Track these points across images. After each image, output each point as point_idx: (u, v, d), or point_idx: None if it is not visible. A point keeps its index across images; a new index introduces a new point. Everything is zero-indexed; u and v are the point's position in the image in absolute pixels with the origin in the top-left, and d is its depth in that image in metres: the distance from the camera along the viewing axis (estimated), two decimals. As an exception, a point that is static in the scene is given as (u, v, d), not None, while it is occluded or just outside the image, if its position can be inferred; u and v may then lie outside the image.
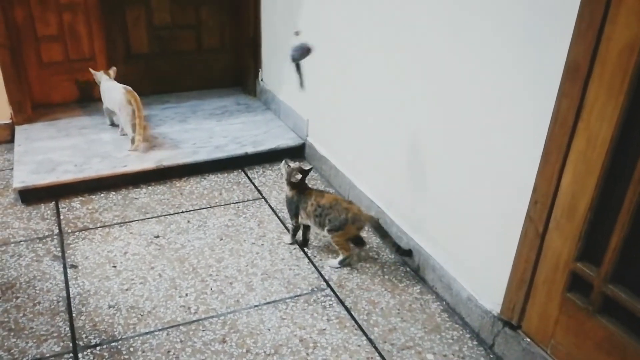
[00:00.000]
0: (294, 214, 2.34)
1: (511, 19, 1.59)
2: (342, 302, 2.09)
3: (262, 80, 3.69)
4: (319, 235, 2.47)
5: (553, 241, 1.59)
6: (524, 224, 1.66)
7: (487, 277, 1.88)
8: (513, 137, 1.67)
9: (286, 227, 2.53)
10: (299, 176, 2.25)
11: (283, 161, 2.32)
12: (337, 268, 2.27)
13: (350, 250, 2.28)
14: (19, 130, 3.16)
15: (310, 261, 2.31)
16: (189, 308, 2.04)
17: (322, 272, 2.24)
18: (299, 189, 2.30)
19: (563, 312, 1.61)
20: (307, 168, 2.29)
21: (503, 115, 1.69)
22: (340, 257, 2.27)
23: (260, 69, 3.68)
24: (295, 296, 2.12)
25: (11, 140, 3.16)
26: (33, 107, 3.32)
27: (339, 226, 2.20)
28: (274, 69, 3.49)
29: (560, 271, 1.59)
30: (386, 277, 2.24)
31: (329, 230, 2.23)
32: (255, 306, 2.06)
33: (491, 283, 1.85)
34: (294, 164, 2.28)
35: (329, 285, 2.18)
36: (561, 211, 1.55)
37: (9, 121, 3.21)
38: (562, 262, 1.58)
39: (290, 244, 2.42)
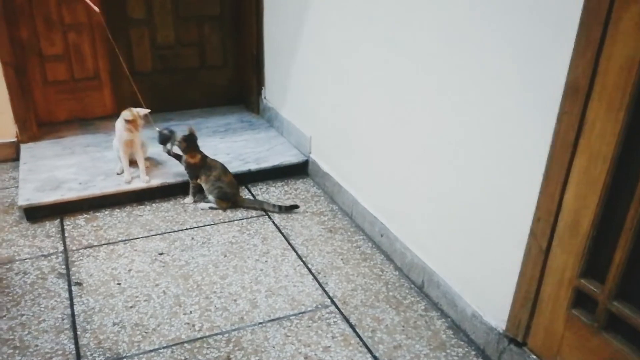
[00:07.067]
0: (195, 176, 2.80)
1: (511, 38, 1.62)
2: (346, 319, 2.09)
3: (265, 97, 3.72)
4: (322, 252, 2.48)
5: (557, 258, 1.60)
6: (528, 240, 1.67)
7: (492, 293, 1.88)
8: (515, 154, 1.68)
9: (289, 243, 2.53)
10: (185, 144, 2.74)
11: (162, 133, 2.80)
12: (207, 209, 2.80)
13: (225, 207, 2.82)
14: (24, 149, 3.18)
15: (315, 278, 2.31)
16: (194, 325, 2.04)
17: (326, 289, 2.25)
18: (202, 157, 2.79)
19: (568, 329, 1.61)
20: (188, 133, 2.77)
21: (505, 133, 1.70)
22: (215, 206, 2.81)
23: (263, 87, 3.71)
24: (300, 313, 2.12)
25: (16, 158, 3.18)
26: (38, 125, 3.34)
27: (221, 197, 2.78)
28: (277, 86, 3.52)
29: (564, 288, 1.59)
30: (390, 293, 2.24)
31: (216, 197, 2.77)
32: (260, 323, 2.06)
33: (496, 299, 1.86)
34: (178, 136, 2.77)
35: (333, 302, 2.18)
36: (564, 228, 1.55)
37: (14, 139, 3.24)
38: (566, 278, 1.58)
39: (193, 202, 2.86)
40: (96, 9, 2.86)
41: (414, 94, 2.13)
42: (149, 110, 2.84)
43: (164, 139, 2.82)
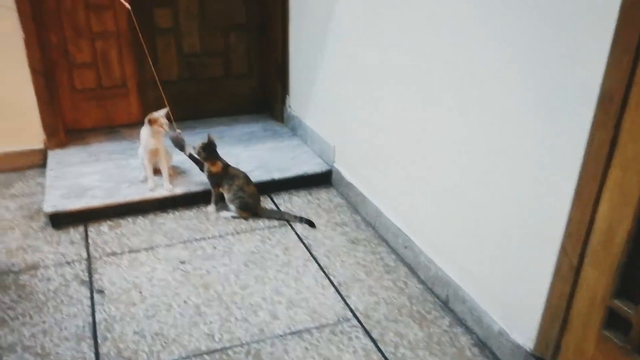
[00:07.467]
0: (216, 184, 2.80)
1: (542, 45, 1.57)
2: (368, 334, 2.04)
3: (289, 106, 3.70)
4: (344, 264, 2.44)
5: (588, 275, 1.53)
6: (558, 256, 1.61)
7: (520, 310, 1.82)
8: (546, 167, 1.62)
9: (311, 254, 2.50)
10: (203, 152, 2.74)
11: (177, 138, 2.85)
12: (230, 218, 2.79)
13: (246, 217, 2.81)
14: (51, 155, 3.22)
15: (336, 290, 2.27)
16: (213, 336, 2.01)
17: (348, 302, 2.20)
18: (224, 166, 2.78)
19: (599, 350, 1.53)
20: (207, 141, 2.74)
21: (535, 145, 1.65)
22: (236, 215, 2.80)
23: (287, 95, 3.70)
24: (321, 326, 2.08)
25: (44, 164, 3.22)
26: (65, 132, 3.39)
27: (242, 208, 2.77)
28: (302, 95, 3.51)
29: (596, 307, 1.52)
30: (414, 308, 2.18)
31: (237, 207, 2.77)
32: (280, 336, 2.03)
33: (524, 317, 1.79)
34: (195, 144, 2.75)
35: (355, 316, 2.13)
36: (597, 244, 1.49)
37: (42, 146, 3.28)
38: (598, 297, 1.51)
39: (216, 211, 2.84)
40: (127, 5, 2.88)
41: (441, 105, 2.08)
42: (167, 108, 2.84)
43: (180, 144, 2.87)
